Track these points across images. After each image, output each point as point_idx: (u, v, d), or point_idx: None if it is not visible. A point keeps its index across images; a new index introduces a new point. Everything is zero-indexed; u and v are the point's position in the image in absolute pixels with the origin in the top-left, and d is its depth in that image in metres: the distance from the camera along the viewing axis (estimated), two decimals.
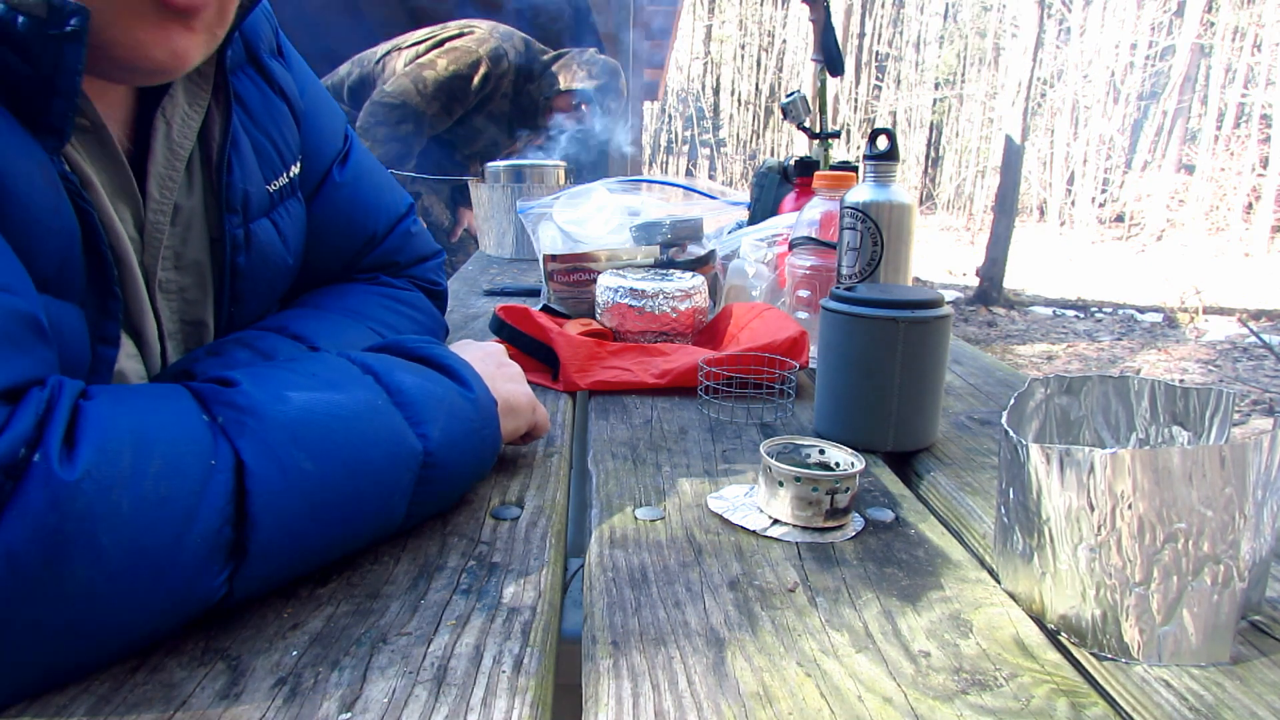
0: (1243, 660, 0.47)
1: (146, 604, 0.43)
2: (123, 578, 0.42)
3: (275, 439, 0.48)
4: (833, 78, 1.82)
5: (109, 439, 0.43)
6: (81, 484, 0.40)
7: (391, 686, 0.43)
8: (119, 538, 0.41)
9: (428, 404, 0.57)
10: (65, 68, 0.52)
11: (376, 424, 0.54)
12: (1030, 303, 7.82)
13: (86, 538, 0.40)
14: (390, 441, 0.54)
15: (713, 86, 21.74)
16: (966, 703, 0.42)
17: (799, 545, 0.59)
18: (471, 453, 0.61)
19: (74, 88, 0.53)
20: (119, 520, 0.41)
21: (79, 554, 0.40)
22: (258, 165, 0.74)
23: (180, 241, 0.69)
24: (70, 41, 0.51)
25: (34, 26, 0.49)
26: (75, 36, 0.51)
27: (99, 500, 0.41)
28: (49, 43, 0.50)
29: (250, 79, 0.75)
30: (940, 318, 0.76)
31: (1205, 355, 5.83)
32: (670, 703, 0.42)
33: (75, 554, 0.40)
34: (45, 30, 0.50)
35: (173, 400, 0.48)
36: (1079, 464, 0.47)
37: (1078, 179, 15.37)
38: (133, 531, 0.42)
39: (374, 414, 0.54)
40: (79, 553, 0.40)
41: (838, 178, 1.10)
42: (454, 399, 0.60)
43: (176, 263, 0.69)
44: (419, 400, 0.57)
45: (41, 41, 0.50)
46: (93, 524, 0.40)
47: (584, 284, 1.22)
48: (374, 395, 0.55)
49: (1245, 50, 14.32)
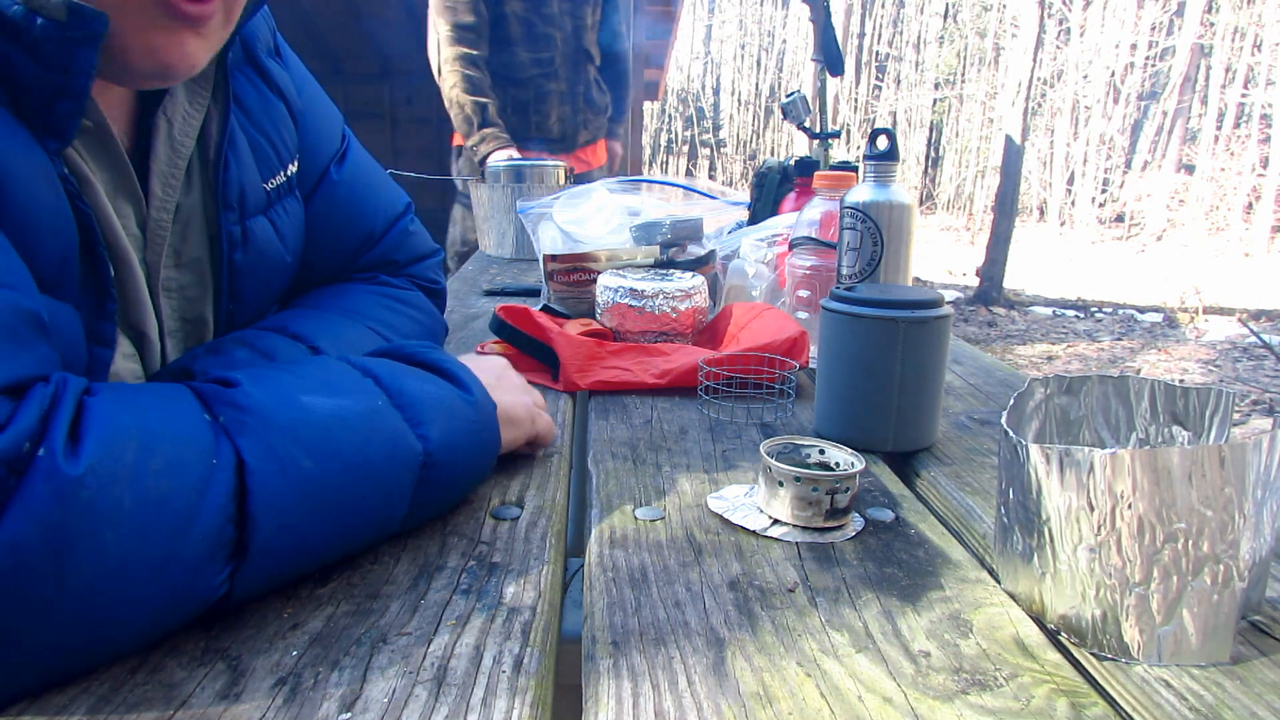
0: (1243, 660, 0.47)
1: (148, 600, 0.43)
2: (124, 573, 0.42)
3: (276, 438, 0.49)
4: (833, 78, 1.82)
5: (113, 435, 0.43)
6: (85, 479, 0.41)
7: (391, 686, 0.43)
8: (121, 533, 0.41)
9: (428, 405, 0.58)
10: (77, 70, 0.52)
11: (377, 425, 0.54)
12: (1030, 303, 7.82)
13: (90, 532, 0.40)
14: (391, 442, 0.54)
15: (713, 86, 21.75)
16: (966, 703, 0.42)
17: (799, 545, 0.59)
18: (471, 454, 0.62)
19: (84, 90, 0.53)
20: (122, 516, 0.41)
21: (82, 548, 0.40)
22: (255, 164, 0.74)
23: (180, 239, 0.69)
24: (85, 45, 0.51)
25: (52, 29, 0.50)
26: (92, 40, 0.52)
27: (102, 495, 0.41)
28: (64, 45, 0.51)
29: (248, 79, 0.75)
30: (940, 318, 0.76)
31: (1205, 355, 5.83)
32: (670, 703, 0.42)
33: (78, 548, 0.40)
34: (64, 33, 0.50)
35: (175, 399, 0.48)
36: (1079, 464, 0.47)
37: (1078, 179, 15.37)
38: (135, 527, 0.42)
39: (374, 415, 0.54)
40: (82, 547, 0.40)
41: (838, 178, 1.10)
42: (454, 401, 0.60)
43: (176, 261, 0.69)
44: (419, 402, 0.57)
45: (57, 44, 0.51)
46: (96, 519, 0.41)
47: (584, 284, 1.22)
48: (374, 397, 0.56)
49: (1245, 50, 14.32)
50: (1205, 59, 14.95)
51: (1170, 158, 14.90)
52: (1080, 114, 15.63)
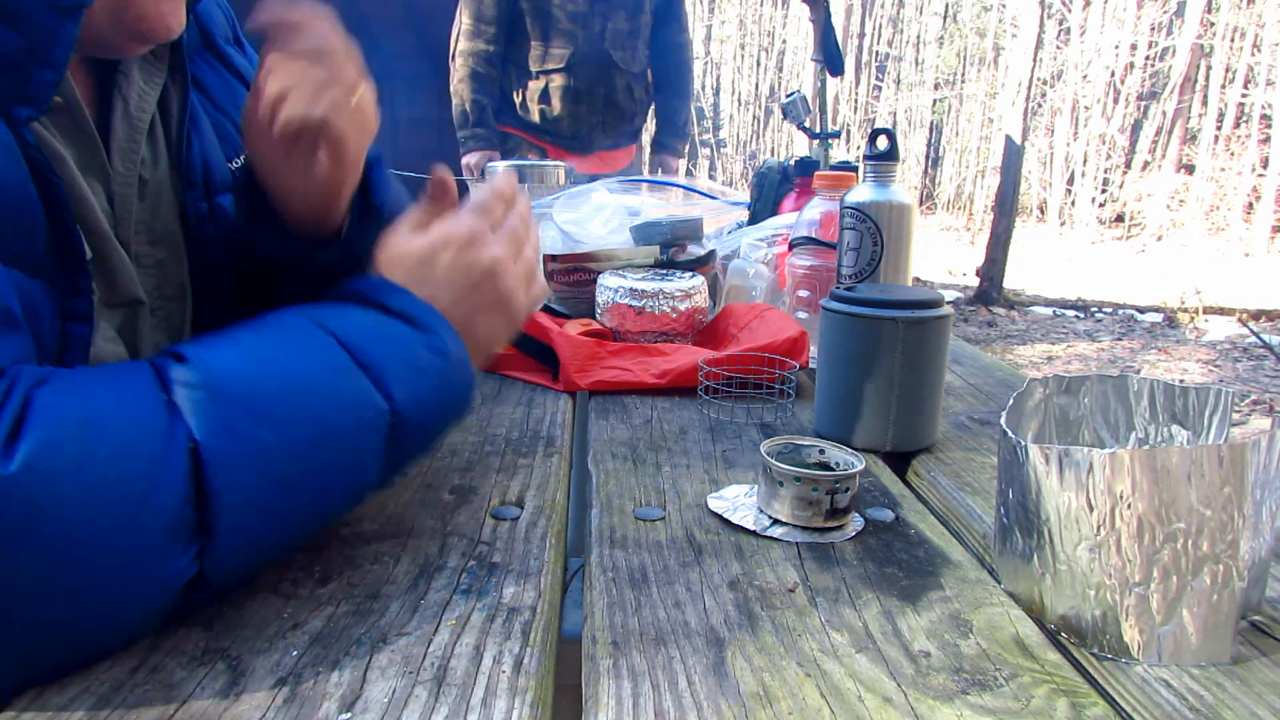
0: (1243, 660, 0.47)
1: (110, 590, 0.43)
2: (77, 566, 0.42)
3: (231, 414, 0.48)
4: (833, 78, 1.82)
5: (53, 428, 0.43)
6: (20, 476, 0.40)
7: (391, 686, 0.43)
8: (65, 527, 0.41)
9: (391, 361, 0.55)
10: (62, 40, 0.53)
11: (338, 388, 0.52)
12: (1030, 303, 7.82)
13: (30, 529, 0.40)
14: (354, 405, 0.52)
15: (713, 86, 21.75)
16: (966, 703, 0.42)
17: (799, 545, 0.59)
18: (442, 406, 0.59)
19: (65, 59, 0.54)
20: (64, 510, 0.41)
21: (23, 547, 0.40)
22: (219, 144, 0.77)
23: (151, 215, 0.70)
24: (70, 16, 0.53)
25: None
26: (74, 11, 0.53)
27: (42, 491, 0.41)
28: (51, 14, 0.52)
29: (208, 64, 0.78)
30: (940, 318, 0.76)
31: (1205, 355, 5.82)
32: (670, 703, 0.42)
33: (19, 547, 0.40)
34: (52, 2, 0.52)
35: (131, 380, 0.48)
36: (1078, 464, 0.47)
37: (1078, 179, 15.37)
38: (83, 518, 0.42)
39: (334, 376, 0.52)
40: (23, 546, 0.40)
41: (838, 178, 1.10)
42: (419, 351, 0.57)
43: (149, 236, 0.70)
44: (383, 359, 0.54)
45: (42, 14, 0.52)
46: (36, 515, 0.41)
47: (584, 284, 1.22)
48: (333, 355, 0.53)
49: (1245, 50, 14.32)
50: (1205, 59, 14.95)
51: (1170, 158, 14.90)
52: (1080, 114, 15.63)
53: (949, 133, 19.35)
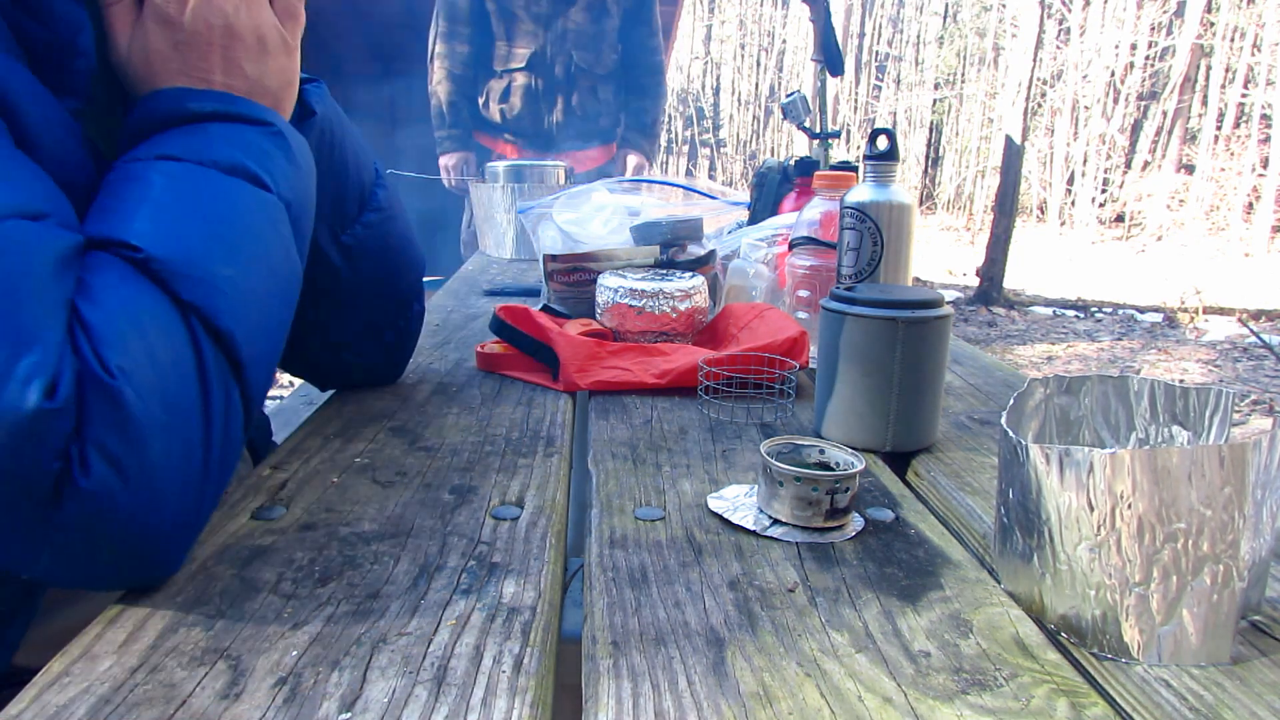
0: (1243, 660, 0.47)
1: None
2: None
3: (223, 290, 0.55)
4: (833, 78, 1.82)
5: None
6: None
7: (391, 686, 0.43)
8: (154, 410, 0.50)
9: (266, 158, 0.62)
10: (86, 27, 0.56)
11: (246, 202, 0.60)
12: (1030, 303, 7.82)
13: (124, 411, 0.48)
14: (262, 209, 0.61)
15: (713, 86, 21.74)
16: (966, 703, 0.42)
17: (799, 545, 0.59)
18: (306, 176, 0.67)
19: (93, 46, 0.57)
20: (160, 400, 0.50)
21: None
22: None
23: None
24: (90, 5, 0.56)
25: None
26: None
27: (135, 397, 0.49)
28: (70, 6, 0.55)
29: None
30: (940, 318, 0.76)
31: (1205, 355, 5.82)
32: (670, 703, 0.42)
33: None
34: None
35: (145, 291, 0.53)
36: (1078, 464, 0.47)
37: (1078, 179, 15.36)
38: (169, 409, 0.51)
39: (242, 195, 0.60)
40: None
41: (838, 178, 1.10)
42: (266, 144, 0.63)
43: None
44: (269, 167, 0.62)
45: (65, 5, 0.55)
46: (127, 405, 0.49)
47: (584, 284, 1.22)
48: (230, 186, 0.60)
49: (1245, 50, 14.32)
50: (1205, 59, 14.95)
51: (1170, 158, 14.90)
52: (1080, 114, 15.63)
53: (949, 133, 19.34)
